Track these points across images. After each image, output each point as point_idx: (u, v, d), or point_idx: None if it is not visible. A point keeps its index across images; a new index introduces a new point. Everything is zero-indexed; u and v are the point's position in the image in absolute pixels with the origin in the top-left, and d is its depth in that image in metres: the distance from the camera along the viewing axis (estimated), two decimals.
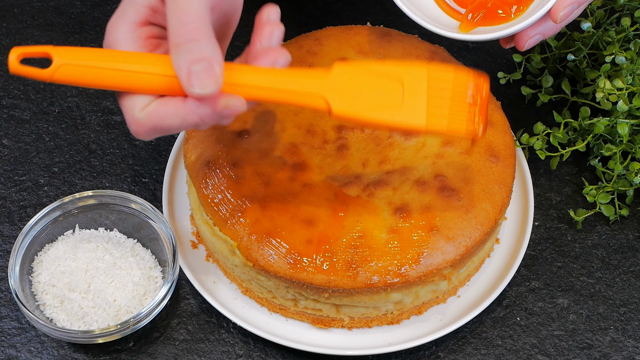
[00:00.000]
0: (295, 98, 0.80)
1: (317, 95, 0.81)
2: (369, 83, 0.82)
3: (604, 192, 1.04)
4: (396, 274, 0.91)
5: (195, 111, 0.76)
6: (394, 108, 0.82)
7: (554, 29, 0.95)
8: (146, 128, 0.78)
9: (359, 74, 0.82)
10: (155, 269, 0.98)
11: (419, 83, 0.83)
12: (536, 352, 0.97)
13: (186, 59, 0.75)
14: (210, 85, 0.75)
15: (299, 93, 0.80)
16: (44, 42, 1.18)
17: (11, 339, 0.97)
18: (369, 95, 0.82)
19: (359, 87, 0.82)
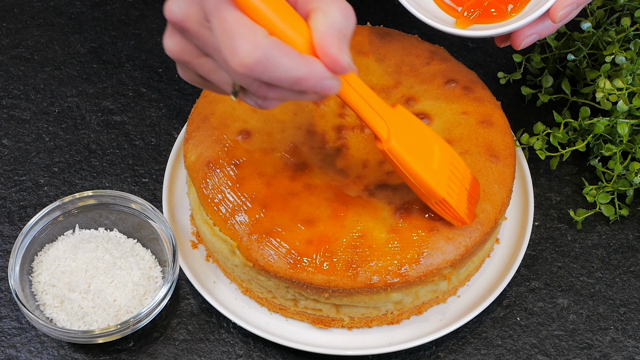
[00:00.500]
0: (369, 113, 0.83)
1: (384, 122, 0.84)
2: (417, 135, 0.86)
3: (604, 192, 1.04)
4: (396, 274, 0.91)
5: (313, 66, 0.75)
6: (427, 167, 0.86)
7: (551, 28, 0.95)
8: (264, 54, 0.73)
9: (413, 123, 0.86)
10: (155, 269, 0.98)
11: (446, 158, 0.88)
12: (536, 352, 0.97)
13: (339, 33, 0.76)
14: (349, 59, 0.76)
15: (374, 111, 0.83)
16: (43, 42, 1.18)
17: (11, 339, 0.97)
18: (415, 146, 0.86)
19: (410, 134, 0.86)
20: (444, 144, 0.90)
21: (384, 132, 0.84)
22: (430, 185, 0.87)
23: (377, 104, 0.83)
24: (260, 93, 0.76)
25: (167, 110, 1.13)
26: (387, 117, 0.84)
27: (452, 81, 1.02)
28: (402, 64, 1.04)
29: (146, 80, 1.15)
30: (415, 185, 0.87)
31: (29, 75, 1.16)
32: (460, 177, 0.90)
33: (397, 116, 0.85)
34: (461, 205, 0.90)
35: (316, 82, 0.75)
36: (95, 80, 1.15)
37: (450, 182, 0.88)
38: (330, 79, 0.76)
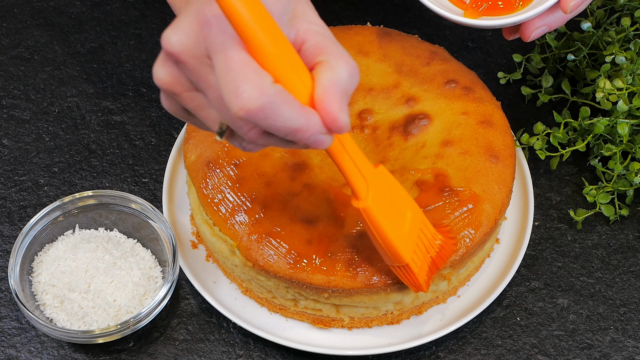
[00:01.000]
0: (352, 172, 0.82)
1: (364, 181, 0.83)
2: (393, 198, 0.86)
3: (604, 192, 1.04)
4: None
5: (311, 119, 0.73)
6: (398, 231, 0.86)
7: (561, 20, 0.94)
8: (268, 101, 0.71)
9: (391, 185, 0.86)
10: (155, 269, 0.98)
11: (417, 223, 0.88)
12: (536, 352, 0.97)
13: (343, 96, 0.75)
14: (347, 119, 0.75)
15: (357, 169, 0.82)
16: (43, 42, 1.18)
17: (11, 339, 0.97)
18: (389, 208, 0.85)
19: (387, 196, 0.85)
20: (417, 208, 0.89)
21: (363, 191, 0.83)
22: (398, 250, 0.86)
23: (362, 162, 0.82)
24: (250, 137, 0.75)
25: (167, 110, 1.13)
26: (369, 176, 0.83)
27: (452, 81, 1.02)
28: (402, 64, 1.04)
29: (146, 80, 1.15)
30: (382, 247, 0.87)
31: (29, 75, 1.16)
32: (427, 244, 0.89)
33: (378, 176, 0.85)
34: (422, 272, 0.89)
35: (310, 135, 0.74)
36: (95, 80, 1.15)
37: (417, 249, 0.88)
38: (325, 134, 0.74)
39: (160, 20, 1.20)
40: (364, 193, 0.83)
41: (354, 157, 0.81)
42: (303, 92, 0.73)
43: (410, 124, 0.99)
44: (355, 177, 0.82)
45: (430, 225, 0.90)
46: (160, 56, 0.76)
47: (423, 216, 0.89)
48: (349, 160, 0.81)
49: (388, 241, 0.85)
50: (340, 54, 0.74)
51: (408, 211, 0.87)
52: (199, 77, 0.74)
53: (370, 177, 0.83)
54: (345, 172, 0.82)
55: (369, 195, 0.83)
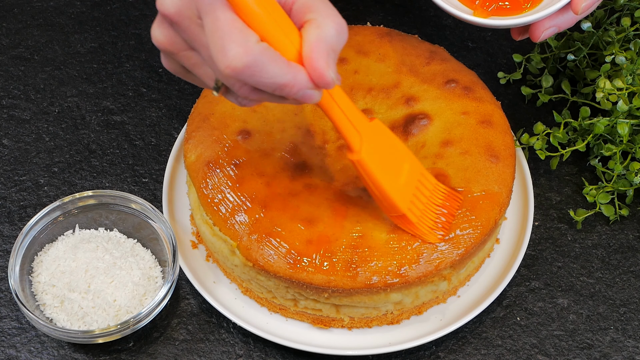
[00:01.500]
0: (344, 124, 0.85)
1: (357, 134, 0.85)
2: (389, 150, 0.88)
3: (604, 192, 1.04)
4: (396, 274, 0.91)
5: (297, 75, 0.76)
6: (393, 182, 0.88)
7: (571, 21, 0.94)
8: (253, 59, 0.75)
9: (387, 138, 0.88)
10: (155, 269, 0.98)
11: (414, 175, 0.91)
12: (536, 352, 0.97)
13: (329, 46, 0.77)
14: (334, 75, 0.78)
15: (350, 122, 0.85)
16: (43, 42, 1.18)
17: (11, 339, 0.97)
18: (385, 160, 0.88)
19: (382, 149, 0.88)
20: (415, 161, 0.91)
21: (356, 144, 0.86)
22: (393, 200, 0.89)
23: (354, 116, 0.85)
24: (242, 93, 0.78)
25: (167, 110, 1.13)
26: (362, 129, 0.86)
27: (452, 81, 1.02)
28: (402, 64, 1.04)
29: (146, 80, 1.15)
30: (378, 199, 0.89)
31: (29, 75, 1.16)
32: (428, 195, 0.91)
33: (373, 130, 0.87)
34: (423, 222, 0.91)
35: (298, 90, 0.77)
36: (95, 80, 1.15)
37: (415, 199, 0.90)
38: (312, 89, 0.78)
39: None
40: (357, 145, 0.86)
41: (346, 111, 0.84)
42: (291, 50, 0.76)
43: (410, 123, 0.99)
44: (347, 130, 0.85)
45: (432, 177, 0.92)
46: (157, 18, 0.80)
47: (423, 169, 0.91)
48: (341, 113, 0.84)
49: (383, 191, 0.88)
50: (328, 12, 0.77)
51: (405, 163, 0.90)
52: (192, 36, 0.78)
53: (363, 130, 0.86)
54: (338, 125, 0.84)
55: (363, 148, 0.86)
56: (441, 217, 0.92)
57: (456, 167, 0.96)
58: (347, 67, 1.04)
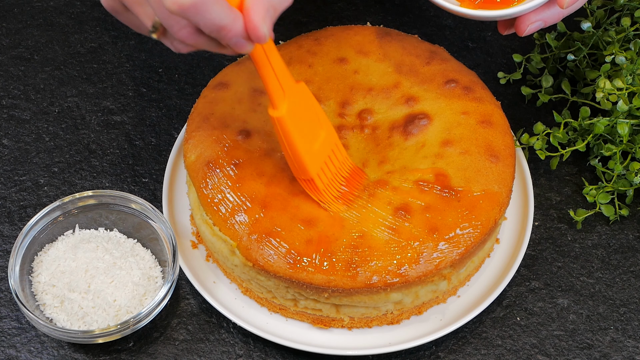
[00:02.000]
0: (272, 81, 0.87)
1: (282, 92, 0.88)
2: (308, 115, 0.91)
3: (604, 192, 1.04)
4: (396, 274, 0.91)
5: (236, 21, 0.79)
6: (307, 146, 0.91)
7: (557, 16, 0.94)
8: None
9: (309, 103, 0.91)
10: (155, 269, 0.98)
11: (328, 144, 0.93)
12: (536, 352, 0.97)
13: None
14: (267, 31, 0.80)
15: (277, 80, 0.87)
16: (43, 42, 1.18)
17: (11, 339, 0.97)
18: (303, 123, 0.90)
19: (302, 112, 0.90)
20: (332, 131, 0.93)
21: (279, 101, 0.88)
22: (304, 163, 0.91)
23: (283, 75, 0.87)
24: (181, 35, 0.80)
25: (167, 110, 1.13)
26: (288, 89, 0.88)
27: (452, 81, 1.02)
28: (402, 64, 1.04)
29: (146, 80, 1.15)
30: (291, 159, 0.91)
31: (29, 75, 1.16)
32: (337, 166, 0.94)
33: (298, 92, 0.89)
34: (328, 191, 0.93)
35: (233, 36, 0.79)
36: (95, 80, 1.15)
37: (325, 167, 0.93)
38: (246, 39, 0.80)
39: None
40: (280, 103, 0.88)
41: (275, 68, 0.86)
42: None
43: (410, 123, 0.99)
44: (273, 87, 0.87)
45: (344, 150, 0.95)
46: None
47: (338, 141, 0.94)
48: (270, 69, 0.86)
49: (297, 153, 0.90)
50: None
51: (322, 131, 0.92)
52: None
53: (289, 90, 0.88)
54: (265, 80, 0.87)
55: (285, 106, 0.88)
56: (344, 189, 0.94)
57: (456, 167, 0.96)
58: (347, 67, 1.04)
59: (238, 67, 1.04)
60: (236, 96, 1.01)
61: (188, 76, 1.16)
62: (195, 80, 1.15)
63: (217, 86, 1.02)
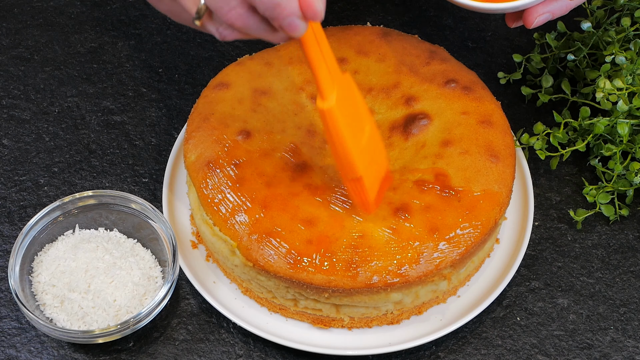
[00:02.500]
0: (322, 69, 0.82)
1: (332, 82, 0.83)
2: (355, 108, 0.86)
3: (604, 192, 1.04)
4: (396, 274, 0.91)
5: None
6: (356, 142, 0.85)
7: (565, 8, 0.94)
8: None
9: (355, 95, 0.86)
10: (155, 269, 0.98)
11: (373, 140, 0.89)
12: (536, 352, 0.97)
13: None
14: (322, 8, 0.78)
15: (327, 69, 0.83)
16: (44, 42, 1.18)
17: (11, 339, 0.97)
18: (351, 117, 0.85)
19: (350, 104, 0.85)
20: (375, 126, 0.89)
21: (328, 90, 0.83)
22: (354, 160, 0.86)
23: (332, 63, 0.83)
24: (230, 17, 0.78)
25: (167, 110, 1.13)
26: (337, 79, 0.84)
27: (452, 81, 1.02)
28: (402, 64, 1.04)
29: (146, 80, 1.15)
30: (339, 156, 0.86)
31: (29, 75, 1.16)
32: (379, 163, 0.89)
33: (344, 82, 0.85)
34: (372, 190, 0.89)
35: (288, 14, 0.77)
36: (95, 80, 1.15)
37: (370, 165, 0.88)
38: (300, 18, 0.77)
39: (161, 20, 1.20)
40: (329, 93, 0.83)
41: (325, 55, 0.82)
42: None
43: (410, 123, 0.99)
44: (323, 75, 0.83)
45: (384, 148, 0.91)
46: None
47: (379, 136, 0.90)
48: (320, 55, 0.82)
49: (346, 149, 0.85)
50: None
51: (367, 125, 0.87)
52: None
53: (338, 80, 0.83)
54: (314, 67, 0.82)
55: (334, 97, 0.83)
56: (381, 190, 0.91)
57: (456, 167, 0.96)
58: (347, 67, 1.04)
59: (238, 67, 1.04)
60: (236, 96, 1.01)
61: (188, 76, 1.16)
62: (195, 80, 1.15)
63: (217, 86, 1.02)
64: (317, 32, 0.81)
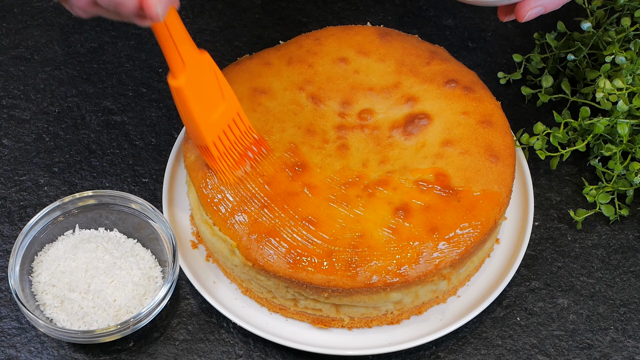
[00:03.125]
0: (171, 51, 0.89)
1: (182, 63, 0.90)
2: (210, 86, 0.93)
3: (604, 192, 1.04)
4: (396, 274, 0.91)
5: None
6: (205, 115, 0.93)
7: (557, 2, 0.94)
8: None
9: (213, 74, 0.93)
10: (155, 269, 0.98)
11: (228, 116, 0.95)
12: (536, 352, 0.97)
13: None
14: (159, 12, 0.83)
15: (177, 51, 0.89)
16: (43, 42, 1.18)
17: (11, 339, 0.97)
18: (203, 93, 0.92)
19: (204, 83, 0.92)
20: (235, 103, 0.95)
21: (178, 72, 0.90)
22: (201, 131, 0.93)
23: (184, 46, 0.89)
24: (79, 4, 0.84)
25: (167, 110, 1.13)
26: (188, 60, 0.90)
27: (452, 81, 1.02)
28: (402, 64, 1.04)
29: (146, 80, 1.15)
30: (190, 126, 0.94)
31: (29, 75, 1.16)
32: (238, 135, 0.96)
33: (200, 63, 0.91)
34: (225, 160, 0.95)
35: (129, 12, 0.82)
36: (95, 80, 1.15)
37: (223, 136, 0.94)
38: (141, 17, 0.83)
39: None
40: (179, 74, 0.90)
41: (176, 40, 0.89)
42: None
43: (411, 123, 0.99)
44: (173, 57, 0.89)
45: (247, 121, 0.96)
46: None
47: (242, 113, 0.96)
48: (170, 42, 0.88)
49: (194, 120, 0.92)
50: None
51: (223, 103, 0.94)
52: None
53: (189, 60, 0.90)
54: (165, 51, 0.89)
55: (184, 77, 0.90)
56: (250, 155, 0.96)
57: (456, 167, 0.96)
58: (348, 67, 1.04)
59: (238, 67, 1.04)
60: (236, 96, 1.01)
61: None
62: None
63: None
64: (170, 20, 0.87)
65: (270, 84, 1.02)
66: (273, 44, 1.14)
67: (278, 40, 1.18)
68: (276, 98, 1.01)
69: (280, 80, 1.03)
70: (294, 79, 1.03)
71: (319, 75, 1.03)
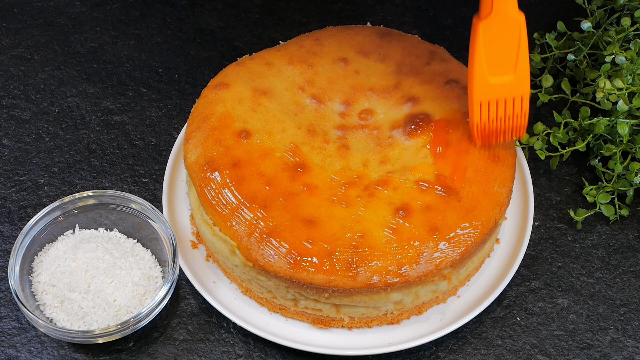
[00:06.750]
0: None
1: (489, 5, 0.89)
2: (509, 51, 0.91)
3: (604, 192, 1.04)
4: (396, 274, 0.91)
5: None
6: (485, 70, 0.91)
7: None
8: None
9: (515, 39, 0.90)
10: (155, 269, 0.98)
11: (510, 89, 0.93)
12: (536, 352, 0.97)
13: None
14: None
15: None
16: (43, 42, 1.18)
17: (11, 339, 0.97)
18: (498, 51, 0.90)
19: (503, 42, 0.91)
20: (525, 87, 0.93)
21: (483, 13, 0.89)
22: (472, 82, 0.92)
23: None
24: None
25: (167, 110, 1.13)
26: (499, 9, 0.88)
27: (452, 81, 1.02)
28: (402, 64, 1.04)
29: (146, 80, 1.15)
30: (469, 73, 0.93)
31: (29, 75, 1.16)
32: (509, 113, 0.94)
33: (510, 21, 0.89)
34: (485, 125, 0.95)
35: None
36: (95, 80, 1.15)
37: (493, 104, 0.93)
38: None
39: (160, 20, 1.20)
40: (483, 16, 0.90)
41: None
42: None
43: (411, 123, 0.99)
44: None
45: (527, 106, 0.94)
46: None
47: (526, 100, 0.93)
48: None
49: (471, 68, 0.90)
50: None
51: (512, 75, 0.91)
52: None
53: (499, 11, 0.88)
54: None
55: (484, 23, 0.88)
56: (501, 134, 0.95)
57: (456, 167, 0.96)
58: (348, 67, 1.04)
59: (238, 67, 1.04)
60: (236, 96, 1.01)
61: (188, 76, 1.16)
62: (195, 80, 1.15)
63: (217, 86, 1.02)
64: None
65: (271, 84, 1.02)
66: (273, 44, 1.15)
67: (278, 40, 1.18)
68: (276, 98, 1.02)
69: (281, 80, 1.03)
70: (295, 79, 1.03)
71: (320, 75, 1.03)
